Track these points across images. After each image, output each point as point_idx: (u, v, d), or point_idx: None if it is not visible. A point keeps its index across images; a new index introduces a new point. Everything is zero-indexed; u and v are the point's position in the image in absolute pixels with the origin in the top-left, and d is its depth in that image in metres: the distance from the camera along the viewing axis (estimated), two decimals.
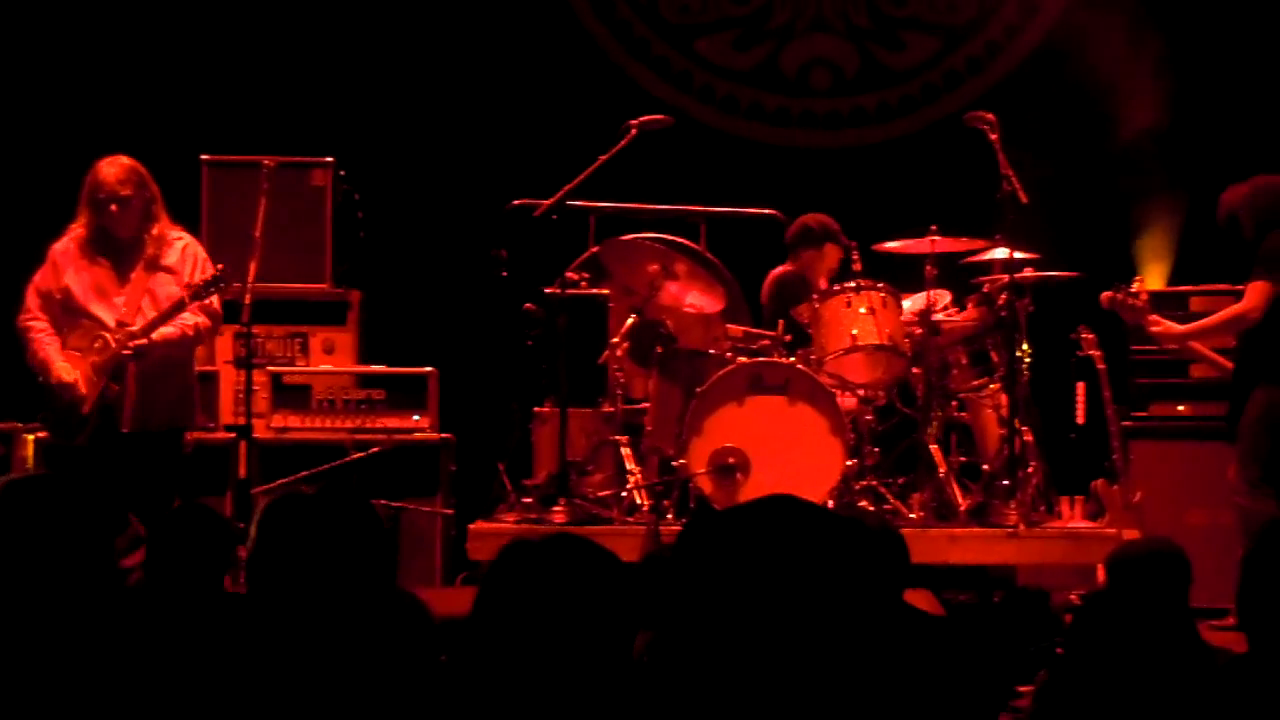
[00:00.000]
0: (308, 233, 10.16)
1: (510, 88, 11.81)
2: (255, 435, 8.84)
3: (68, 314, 8.20)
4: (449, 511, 9.69)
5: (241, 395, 8.73)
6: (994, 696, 2.02)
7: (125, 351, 8.08)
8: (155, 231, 8.25)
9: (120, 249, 8.23)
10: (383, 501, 9.18)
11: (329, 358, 10.14)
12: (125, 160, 8.22)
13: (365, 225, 10.41)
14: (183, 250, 8.32)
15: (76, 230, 8.25)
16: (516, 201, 9.67)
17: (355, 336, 10.29)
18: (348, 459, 9.48)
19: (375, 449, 9.58)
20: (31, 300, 8.27)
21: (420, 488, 9.60)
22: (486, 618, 2.56)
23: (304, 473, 9.10)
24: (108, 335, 8.10)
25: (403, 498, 9.46)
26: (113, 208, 8.14)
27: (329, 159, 10.29)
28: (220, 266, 8.25)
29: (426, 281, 11.28)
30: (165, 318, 8.16)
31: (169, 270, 8.25)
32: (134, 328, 8.11)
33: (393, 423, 9.78)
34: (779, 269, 10.18)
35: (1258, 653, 4.43)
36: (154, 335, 8.12)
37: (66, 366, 8.12)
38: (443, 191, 11.55)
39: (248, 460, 8.71)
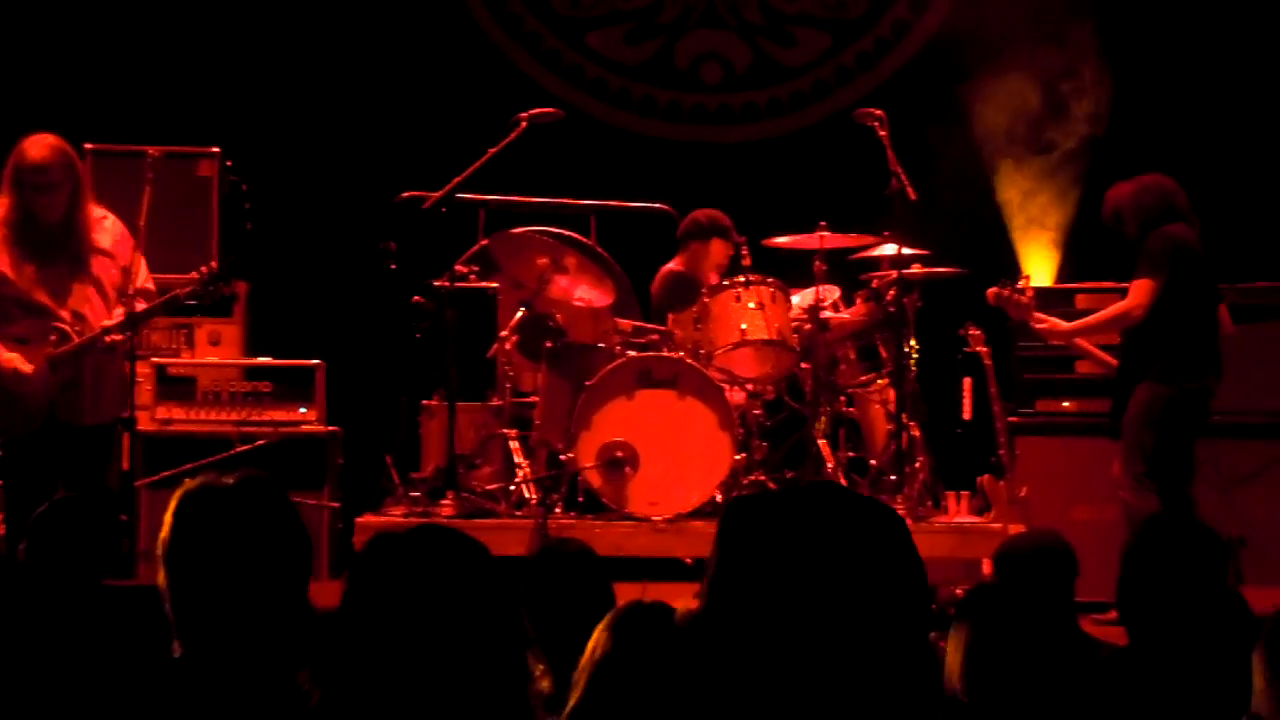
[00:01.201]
0: (193, 223, 10.05)
1: (401, 80, 11.75)
2: (139, 427, 8.74)
3: (2, 302, 7.87)
4: (336, 505, 9.64)
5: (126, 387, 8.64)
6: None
7: (107, 342, 7.82)
8: (85, 214, 7.94)
9: (50, 233, 7.87)
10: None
11: (215, 349, 10.06)
12: (52, 139, 7.88)
13: (252, 216, 10.31)
14: (112, 231, 8.05)
15: (2, 214, 7.91)
16: (406, 194, 9.63)
17: (242, 328, 10.21)
18: (233, 451, 9.41)
19: (261, 441, 9.52)
20: None
21: (307, 481, 9.54)
22: (353, 611, 2.54)
23: (189, 465, 9.01)
24: (65, 326, 7.81)
25: (289, 491, 9.38)
26: (41, 190, 7.80)
27: (215, 149, 10.20)
28: (214, 264, 8.13)
29: (314, 274, 11.20)
30: (157, 311, 8.02)
31: (104, 253, 7.99)
32: (111, 322, 7.85)
33: (279, 415, 9.72)
34: (669, 264, 10.18)
35: (1137, 646, 4.47)
36: (130, 331, 7.92)
37: (17, 357, 7.80)
38: (331, 183, 11.48)
39: (131, 452, 8.61)
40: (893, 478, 9.15)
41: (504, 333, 9.37)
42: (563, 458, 9.06)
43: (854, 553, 2.06)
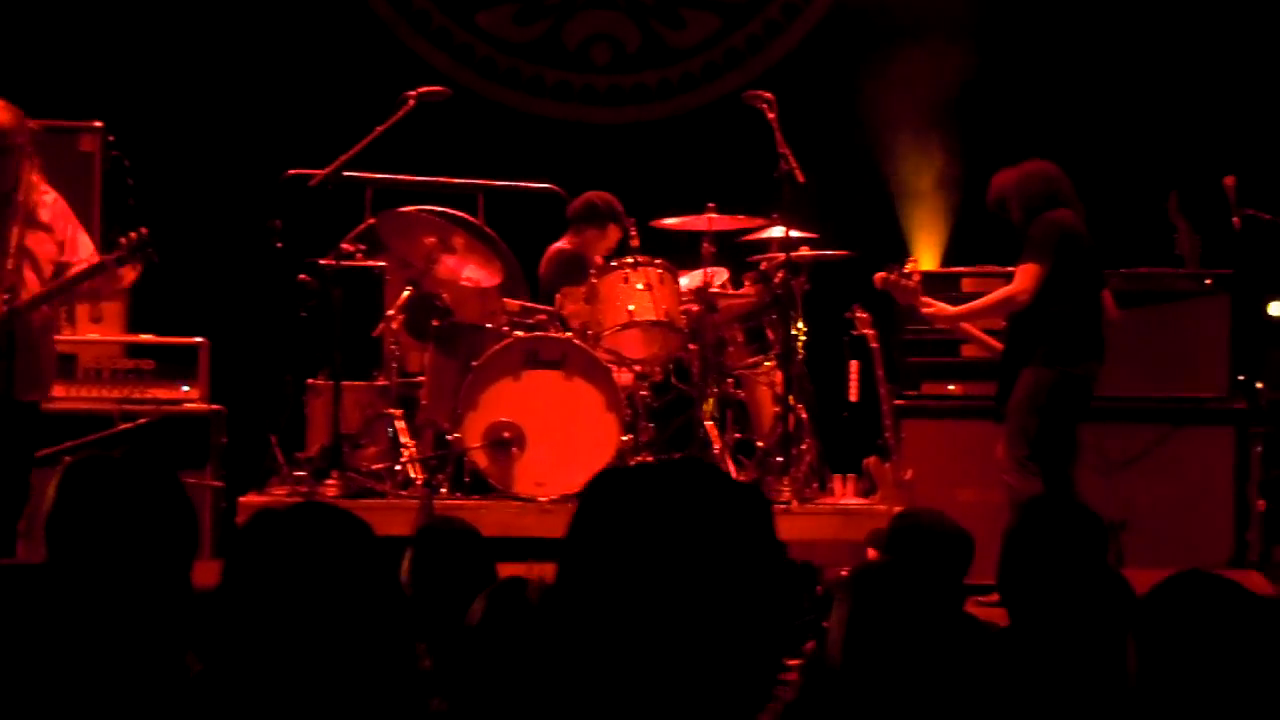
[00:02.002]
0: (75, 199, 9.86)
1: (288, 56, 11.66)
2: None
3: None
4: (219, 484, 9.56)
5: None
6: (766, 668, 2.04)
7: (35, 309, 7.64)
8: (28, 184, 7.74)
9: None
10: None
11: (96, 327, 9.94)
12: (8, 105, 7.71)
13: (136, 192, 10.20)
14: (52, 206, 7.86)
15: None
16: (292, 171, 9.55)
17: (124, 305, 10.09)
18: (115, 430, 9.31)
19: (143, 420, 9.42)
20: None
21: (190, 460, 9.45)
22: (234, 588, 2.52)
23: (69, 444, 8.90)
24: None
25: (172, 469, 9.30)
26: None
27: (98, 123, 10.07)
28: (144, 230, 7.81)
29: (199, 251, 11.09)
30: (82, 278, 7.77)
31: (43, 227, 7.80)
32: (37, 294, 7.67)
33: (162, 393, 9.63)
34: (558, 244, 10.16)
35: (1018, 628, 4.50)
36: (55, 302, 7.76)
37: None
38: (217, 159, 11.38)
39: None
40: (779, 460, 9.17)
41: (390, 312, 9.32)
42: (449, 438, 9.03)
43: (711, 530, 2.05)
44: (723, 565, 2.05)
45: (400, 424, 9.19)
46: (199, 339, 9.76)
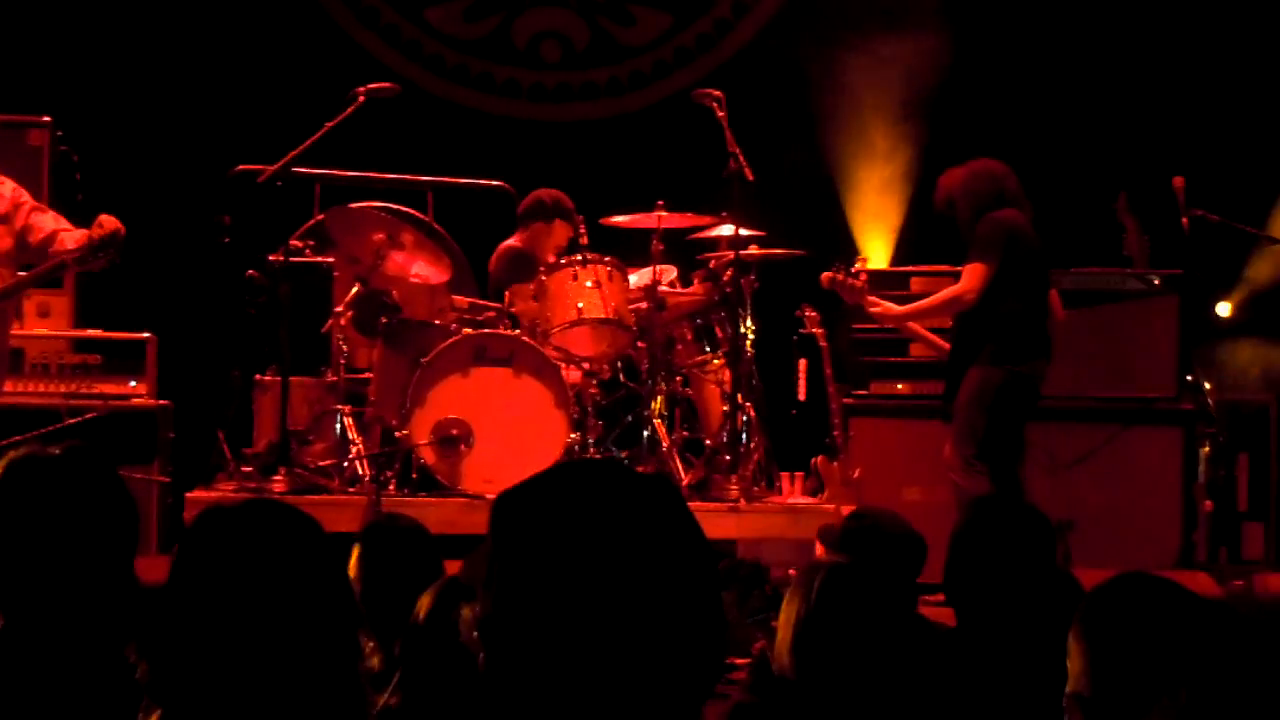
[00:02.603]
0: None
1: (237, 51, 11.62)
2: None
3: None
4: (166, 479, 9.52)
5: None
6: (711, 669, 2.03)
7: None
8: None
9: None
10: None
11: (44, 321, 9.89)
12: None
13: (84, 187, 10.15)
14: (11, 197, 7.72)
15: None
16: (240, 167, 9.51)
17: (71, 300, 10.04)
18: (62, 424, 9.26)
19: (90, 415, 9.37)
20: None
21: (137, 455, 9.41)
22: (182, 585, 2.51)
23: (15, 438, 8.85)
24: None
25: (119, 465, 9.25)
26: None
27: (46, 118, 10.02)
28: (121, 229, 7.57)
29: (147, 246, 11.01)
30: (43, 276, 7.70)
31: None
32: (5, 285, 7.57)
33: (109, 388, 9.58)
34: (507, 241, 10.15)
35: (965, 628, 4.51)
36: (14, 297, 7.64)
37: None
38: (165, 155, 11.34)
39: None
40: (727, 458, 9.19)
41: (339, 308, 9.30)
42: (397, 434, 9.01)
43: (626, 526, 2.05)
44: (646, 559, 2.05)
45: (348, 420, 9.17)
46: (147, 334, 9.72)
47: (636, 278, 9.60)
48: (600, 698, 2.01)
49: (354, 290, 9.24)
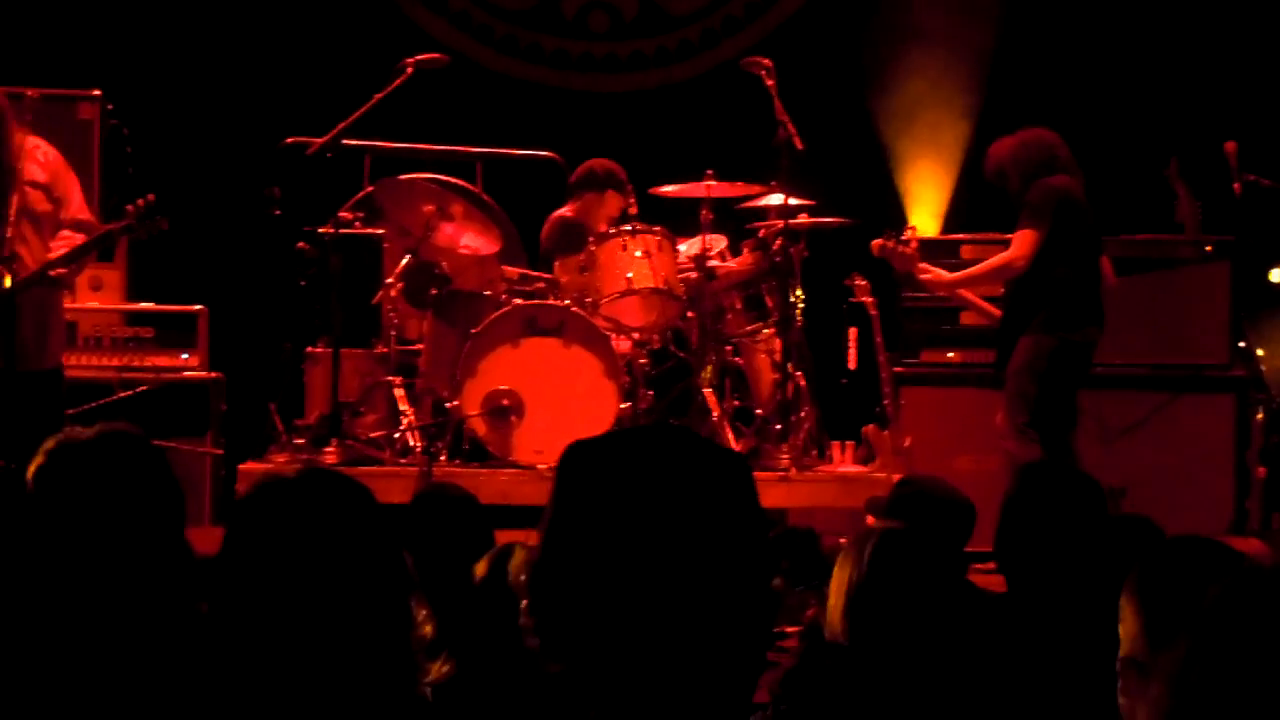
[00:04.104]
0: (74, 167, 9.86)
1: (286, 23, 11.63)
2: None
3: None
4: (218, 451, 9.56)
5: None
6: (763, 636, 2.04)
7: (52, 276, 7.50)
8: (10, 147, 7.57)
9: None
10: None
11: (96, 295, 9.93)
12: None
13: (134, 160, 10.18)
14: (44, 162, 7.71)
15: None
16: (290, 139, 9.54)
17: (123, 273, 10.08)
18: (114, 397, 9.30)
19: (143, 388, 9.41)
20: None
21: (189, 427, 9.45)
22: (237, 554, 2.52)
23: (69, 411, 8.90)
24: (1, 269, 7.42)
25: (171, 437, 9.31)
26: None
27: (96, 91, 10.04)
28: (151, 197, 7.67)
29: (198, 219, 11.08)
30: (94, 245, 7.68)
31: (37, 185, 7.65)
32: (53, 258, 7.53)
33: (161, 361, 9.61)
34: (558, 211, 10.15)
35: (1016, 594, 4.51)
36: (71, 266, 7.63)
37: None
38: (215, 127, 11.36)
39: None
40: (778, 427, 9.18)
41: (389, 280, 9.31)
42: (448, 405, 9.03)
43: (692, 496, 2.06)
44: (707, 531, 2.05)
45: (399, 392, 9.19)
46: (198, 307, 9.75)
47: (686, 247, 9.59)
48: (642, 660, 2.01)
49: (404, 262, 9.25)
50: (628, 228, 9.30)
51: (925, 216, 11.30)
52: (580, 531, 2.05)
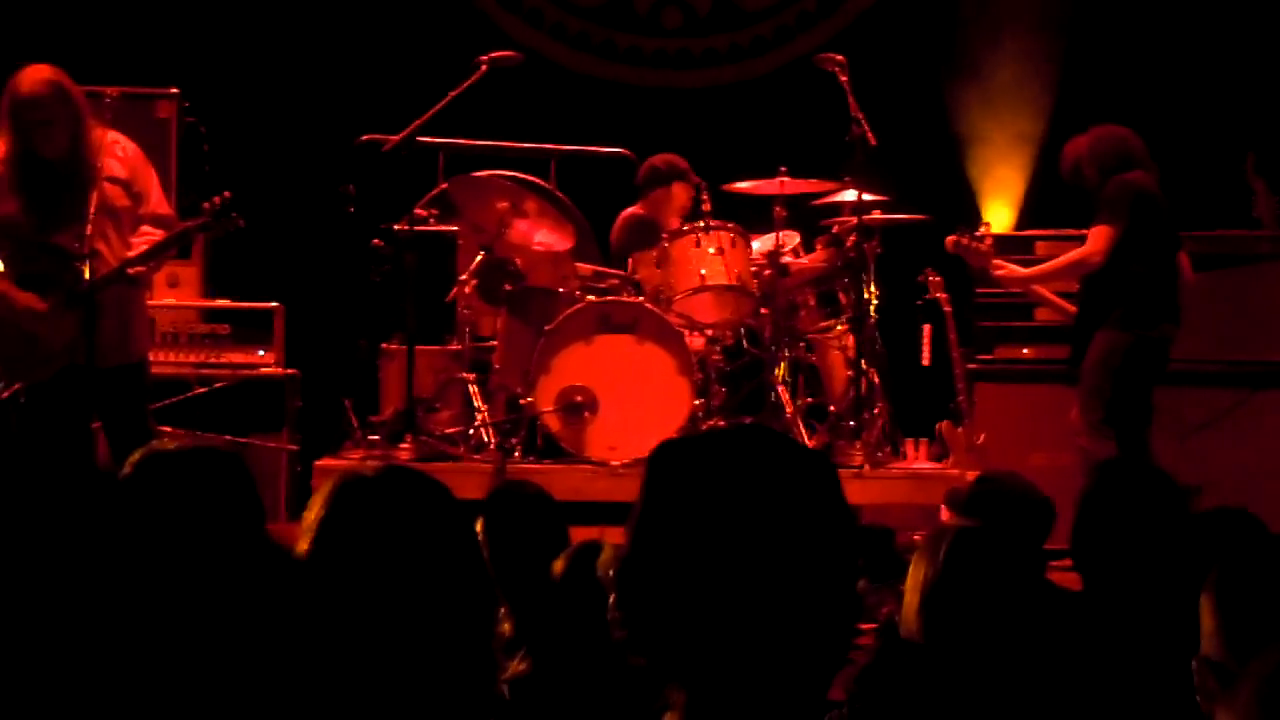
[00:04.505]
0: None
1: (361, 21, 11.68)
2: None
3: (10, 242, 7.57)
4: (294, 447, 9.62)
5: None
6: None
7: (130, 274, 7.52)
8: (89, 143, 7.58)
9: (54, 168, 7.53)
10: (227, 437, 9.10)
11: (173, 291, 10.00)
12: (45, 71, 7.51)
13: (211, 159, 10.25)
14: (124, 157, 7.73)
15: (0, 150, 7.57)
16: (365, 137, 9.58)
17: (200, 270, 10.15)
18: (191, 394, 9.36)
19: (219, 384, 9.48)
20: None
21: (265, 423, 9.52)
22: (321, 552, 2.54)
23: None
24: (80, 264, 7.42)
25: (248, 433, 9.37)
26: (38, 126, 7.45)
27: (173, 90, 10.12)
28: (228, 194, 7.68)
29: (274, 216, 11.14)
30: (171, 243, 7.70)
31: (116, 181, 7.65)
32: (130, 255, 7.56)
33: (238, 358, 9.67)
34: (630, 209, 10.17)
35: (1092, 592, 4.49)
36: (150, 263, 7.65)
37: (33, 298, 7.50)
38: (291, 125, 11.42)
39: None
40: (851, 424, 9.17)
41: (463, 276, 9.34)
42: (522, 402, 9.05)
43: (780, 497, 2.07)
44: (794, 531, 2.06)
45: (473, 388, 9.21)
46: (274, 304, 9.81)
47: (759, 244, 9.58)
48: (726, 655, 2.02)
49: (478, 258, 9.27)
50: (701, 224, 9.30)
51: (1000, 212, 11.27)
52: (669, 528, 2.06)
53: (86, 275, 7.47)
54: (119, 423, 7.62)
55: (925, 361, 9.82)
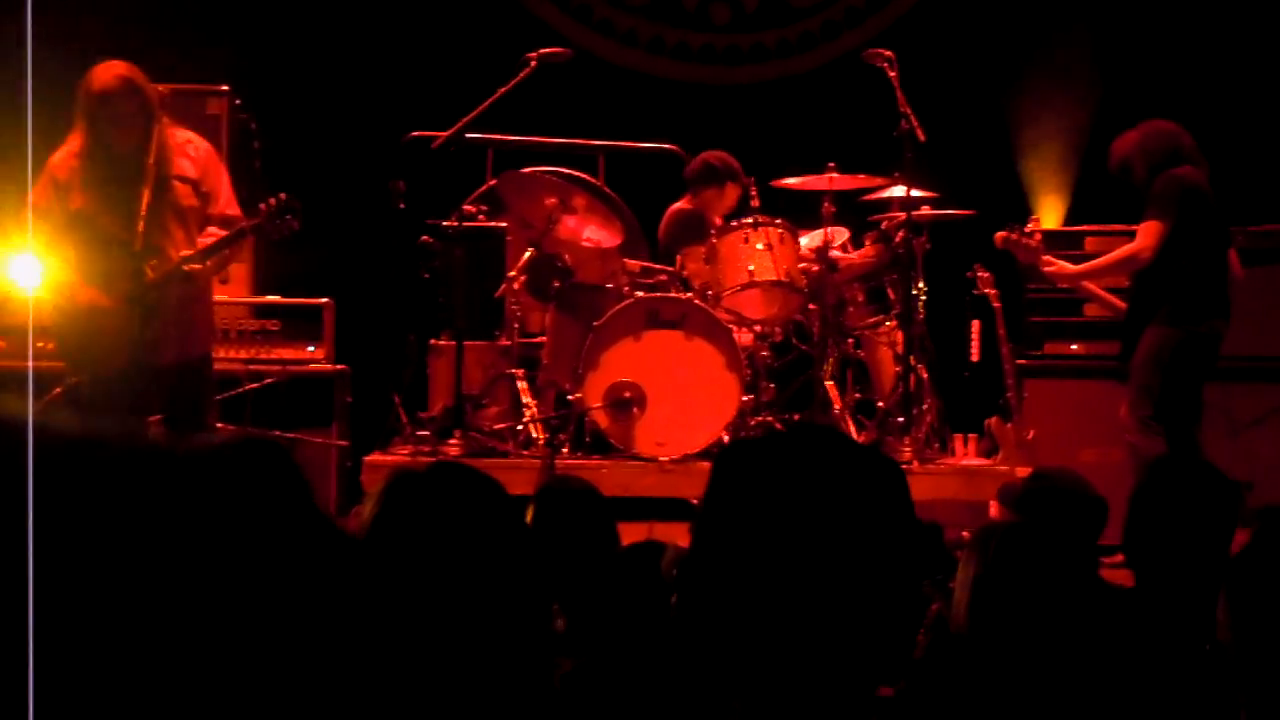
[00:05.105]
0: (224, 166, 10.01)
1: (410, 18, 11.72)
2: None
3: (77, 236, 7.59)
4: (344, 443, 9.65)
5: None
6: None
7: (185, 271, 7.54)
8: (159, 142, 7.61)
9: (125, 164, 7.56)
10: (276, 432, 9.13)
11: (224, 288, 10.01)
12: (119, 67, 7.58)
13: (261, 155, 10.29)
14: (196, 156, 7.78)
15: (73, 145, 7.61)
16: (414, 133, 9.61)
17: (251, 267, 10.18)
18: (241, 389, 9.40)
19: (270, 380, 9.51)
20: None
21: (315, 419, 9.54)
22: (373, 548, 2.55)
23: None
24: (144, 260, 7.50)
25: (297, 429, 9.40)
26: (111, 121, 7.50)
27: (224, 87, 10.15)
28: (284, 195, 7.69)
29: (324, 212, 11.15)
30: (227, 243, 7.69)
31: (186, 180, 7.70)
32: (188, 251, 7.59)
33: (288, 354, 9.70)
34: (677, 204, 10.17)
35: (1144, 589, 4.48)
36: (208, 261, 7.65)
37: (96, 293, 7.54)
38: (340, 122, 11.46)
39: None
40: (900, 420, 9.16)
41: (512, 272, 9.36)
42: (570, 398, 9.06)
43: (847, 500, 2.07)
44: (859, 536, 2.06)
45: (522, 384, 9.23)
46: (324, 300, 9.83)
47: (808, 240, 9.58)
48: (785, 659, 2.03)
49: (527, 254, 9.29)
50: (749, 220, 9.29)
51: (1049, 208, 11.25)
52: (733, 529, 2.07)
53: (149, 273, 7.52)
54: (179, 419, 7.64)
55: (974, 357, 9.81)
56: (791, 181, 9.71)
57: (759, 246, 9.20)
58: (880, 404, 9.47)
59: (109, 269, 7.59)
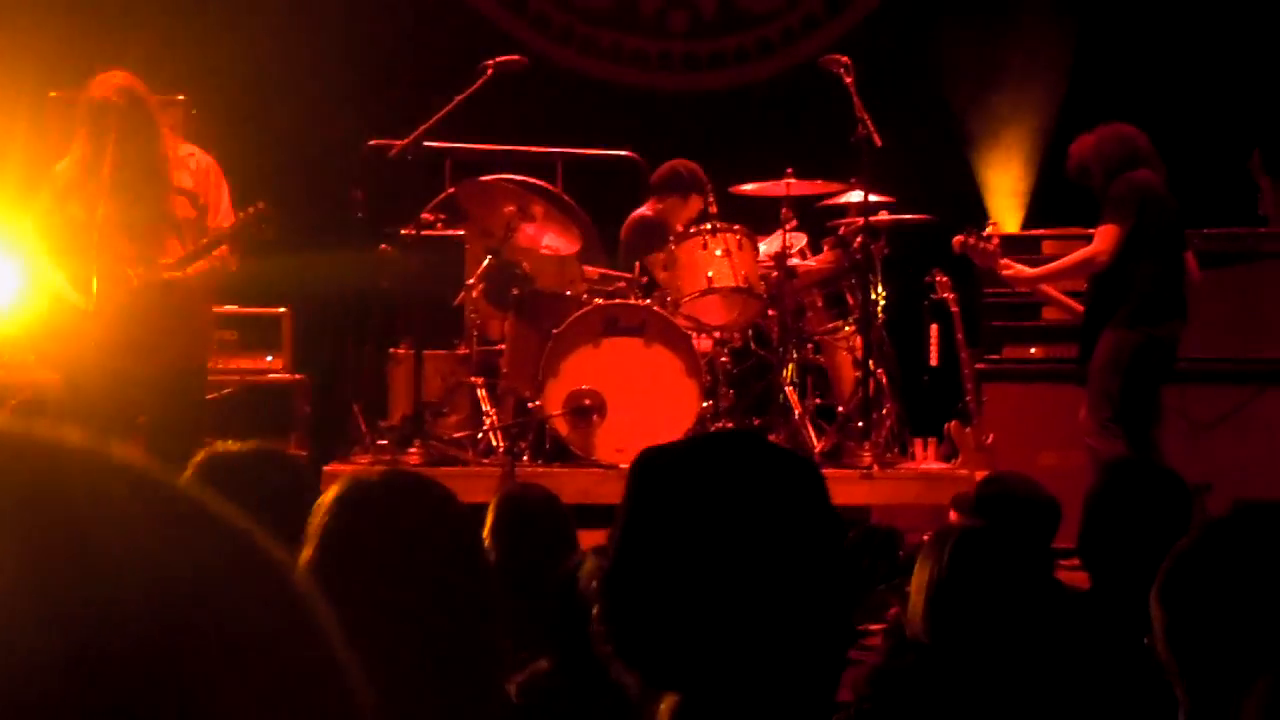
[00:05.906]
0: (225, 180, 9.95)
1: (367, 26, 11.69)
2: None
3: (69, 243, 7.56)
4: (303, 453, 9.62)
5: None
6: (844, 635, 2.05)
7: (165, 278, 7.50)
8: (159, 153, 7.62)
9: (124, 173, 7.51)
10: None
11: None
12: (119, 78, 7.58)
13: (219, 163, 10.23)
14: (196, 169, 7.77)
15: (75, 155, 7.62)
16: (372, 141, 9.60)
17: None
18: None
19: (227, 390, 9.48)
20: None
21: (274, 429, 9.51)
22: (324, 556, 2.54)
23: None
24: (130, 270, 7.50)
25: (256, 439, 9.36)
26: (109, 131, 7.45)
27: (180, 96, 10.12)
28: (261, 205, 7.73)
29: (281, 221, 11.11)
30: (202, 253, 7.64)
31: (184, 193, 7.68)
32: (169, 261, 7.57)
33: (245, 364, 9.69)
34: (639, 211, 10.17)
35: (1100, 591, 4.50)
36: (189, 269, 7.60)
37: (82, 299, 7.48)
38: (298, 130, 11.43)
39: None
40: (860, 424, 9.17)
41: (471, 280, 9.35)
42: (530, 405, 9.06)
43: (764, 503, 2.07)
44: (779, 537, 2.06)
45: (481, 392, 9.23)
46: (281, 309, 9.81)
47: (766, 245, 9.59)
48: (719, 665, 2.03)
49: (485, 262, 9.28)
50: (708, 226, 9.30)
51: (1006, 212, 11.27)
52: (653, 538, 2.06)
53: (133, 281, 7.51)
54: (159, 425, 7.63)
55: (933, 361, 9.83)
56: (749, 187, 9.73)
57: (718, 253, 9.21)
58: (840, 409, 9.49)
59: (98, 275, 7.53)
